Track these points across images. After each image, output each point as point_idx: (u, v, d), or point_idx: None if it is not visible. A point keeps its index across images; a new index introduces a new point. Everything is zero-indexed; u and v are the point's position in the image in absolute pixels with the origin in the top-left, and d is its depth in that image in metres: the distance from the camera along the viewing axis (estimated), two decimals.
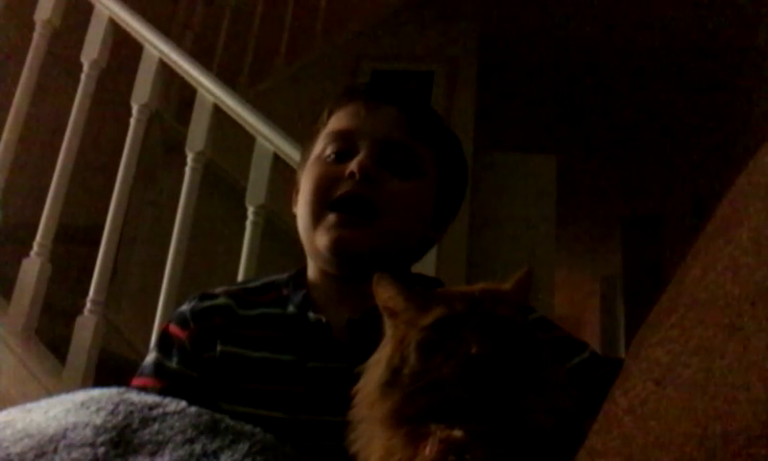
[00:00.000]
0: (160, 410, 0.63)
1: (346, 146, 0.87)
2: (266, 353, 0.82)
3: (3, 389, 1.76)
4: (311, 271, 0.90)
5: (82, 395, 0.65)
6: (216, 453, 0.58)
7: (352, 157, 0.85)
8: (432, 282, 0.92)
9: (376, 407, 0.57)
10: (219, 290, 0.89)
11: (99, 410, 0.62)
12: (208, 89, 1.86)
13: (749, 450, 0.34)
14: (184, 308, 0.87)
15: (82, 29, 2.05)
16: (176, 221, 1.79)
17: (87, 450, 0.57)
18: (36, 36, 2.08)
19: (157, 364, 0.84)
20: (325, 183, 0.85)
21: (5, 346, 1.79)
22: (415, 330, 0.58)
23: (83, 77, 2.00)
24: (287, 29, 3.34)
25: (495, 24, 3.53)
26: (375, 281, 0.63)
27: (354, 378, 0.62)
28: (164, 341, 0.86)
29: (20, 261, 1.87)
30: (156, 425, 0.61)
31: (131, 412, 0.62)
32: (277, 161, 1.76)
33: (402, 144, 0.87)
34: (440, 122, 0.94)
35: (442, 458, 0.51)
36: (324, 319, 0.83)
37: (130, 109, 1.94)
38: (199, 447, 0.59)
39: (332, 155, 0.87)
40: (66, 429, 0.59)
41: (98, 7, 2.03)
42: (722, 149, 3.75)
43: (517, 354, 0.56)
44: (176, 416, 0.62)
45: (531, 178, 3.41)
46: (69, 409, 0.62)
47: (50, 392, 1.66)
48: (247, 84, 3.12)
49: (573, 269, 5.81)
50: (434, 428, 0.53)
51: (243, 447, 0.59)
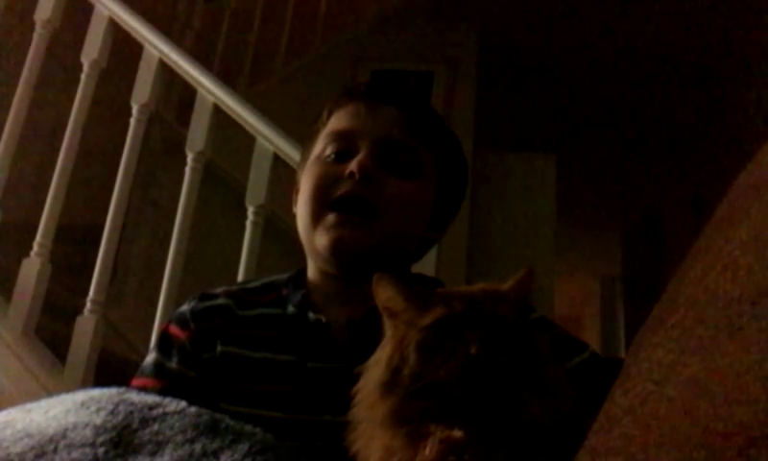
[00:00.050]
0: (160, 410, 0.63)
1: (345, 146, 0.87)
2: (266, 354, 0.82)
3: (3, 389, 1.76)
4: (311, 271, 0.90)
5: (82, 395, 0.65)
6: (216, 453, 0.58)
7: (352, 157, 0.85)
8: (432, 282, 0.92)
9: (376, 407, 0.57)
10: (219, 290, 0.89)
11: (99, 410, 0.62)
12: (208, 89, 1.86)
13: (749, 450, 0.34)
14: (184, 309, 0.87)
15: (82, 29, 2.05)
16: (176, 221, 1.79)
17: (87, 450, 0.57)
18: (36, 37, 2.08)
19: (157, 364, 0.84)
20: (325, 183, 0.85)
21: (5, 346, 1.79)
22: (415, 331, 0.58)
23: (83, 77, 2.00)
24: (287, 29, 3.35)
25: (495, 24, 3.53)
26: (375, 282, 0.63)
27: (354, 379, 0.62)
28: (164, 341, 0.86)
29: (20, 261, 1.87)
30: (156, 425, 0.61)
31: (131, 412, 0.62)
32: (277, 161, 1.76)
33: (402, 144, 0.87)
34: (440, 122, 0.94)
35: (442, 458, 0.51)
36: (324, 319, 0.83)
37: (130, 108, 1.94)
38: (199, 447, 0.59)
39: (332, 155, 0.87)
40: (66, 429, 0.59)
41: (98, 7, 2.03)
42: (722, 149, 3.75)
43: (517, 355, 0.56)
44: (176, 416, 0.62)
45: (531, 178, 3.41)
46: (69, 409, 0.62)
47: (50, 392, 1.66)
48: (247, 85, 3.13)
49: (573, 269, 5.81)
50: (434, 429, 0.53)
51: (243, 447, 0.59)
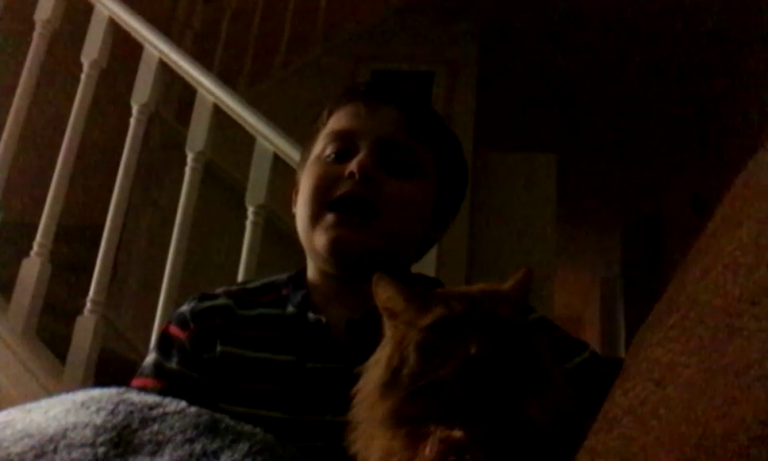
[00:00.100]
0: (160, 410, 0.62)
1: (345, 146, 0.87)
2: (266, 354, 0.82)
3: (3, 389, 1.76)
4: (311, 271, 0.90)
5: (82, 395, 0.65)
6: (216, 453, 0.58)
7: (352, 157, 0.85)
8: (432, 282, 0.92)
9: (376, 408, 0.57)
10: (219, 291, 0.89)
11: (99, 410, 0.62)
12: (208, 89, 1.86)
13: (749, 450, 0.34)
14: (184, 309, 0.87)
15: (82, 29, 2.05)
16: (176, 221, 1.79)
17: (87, 450, 0.57)
18: (36, 36, 2.08)
19: (157, 364, 0.84)
20: (325, 183, 0.85)
21: (5, 346, 1.79)
22: (414, 331, 0.58)
23: (83, 77, 2.00)
24: (287, 29, 3.34)
25: (495, 24, 3.53)
26: (375, 282, 0.63)
27: (354, 379, 0.62)
28: (164, 341, 0.86)
29: (20, 261, 1.87)
30: (156, 425, 0.61)
31: (131, 412, 0.62)
32: (277, 161, 1.76)
33: (402, 144, 0.87)
34: (440, 122, 0.94)
35: (441, 458, 0.51)
36: (324, 319, 0.83)
37: (130, 109, 1.94)
38: (199, 447, 0.59)
39: (332, 155, 0.87)
40: (66, 429, 0.59)
41: (98, 7, 2.03)
42: (722, 149, 3.75)
43: (517, 355, 0.56)
44: (176, 416, 0.62)
45: (531, 177, 3.41)
46: (69, 409, 0.62)
47: (50, 392, 1.66)
48: (247, 84, 3.13)
49: (573, 269, 5.80)
50: (434, 429, 0.53)
51: (243, 447, 0.59)
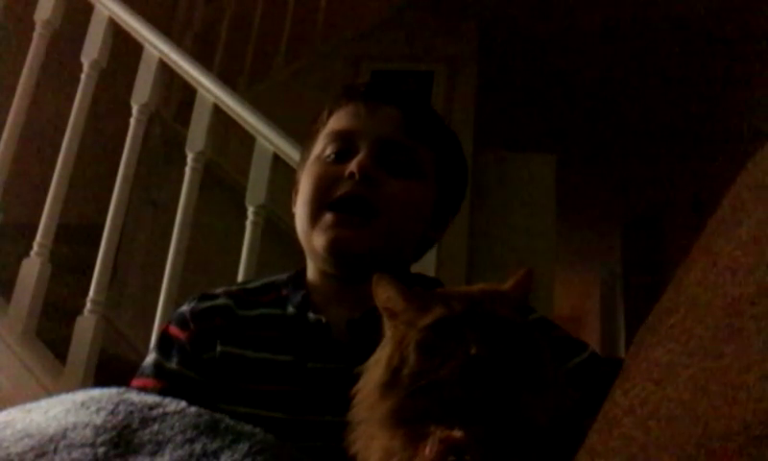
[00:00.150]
0: (160, 410, 0.62)
1: (345, 146, 0.87)
2: (266, 354, 0.82)
3: (3, 389, 1.76)
4: (310, 271, 0.90)
5: (82, 395, 0.65)
6: (216, 453, 0.58)
7: (352, 157, 0.85)
8: (432, 282, 0.92)
9: (376, 408, 0.57)
10: (219, 291, 0.89)
11: (99, 410, 0.62)
12: (208, 89, 1.86)
13: (749, 450, 0.34)
14: (184, 309, 0.87)
15: (82, 29, 2.05)
16: (176, 221, 1.79)
17: (87, 450, 0.57)
18: (36, 36, 2.08)
19: (157, 365, 0.84)
20: (325, 184, 0.85)
21: (5, 346, 1.79)
22: (414, 331, 0.58)
23: (83, 77, 2.00)
24: (287, 29, 3.34)
25: (495, 24, 3.53)
26: (375, 282, 0.63)
27: (354, 379, 0.62)
28: (164, 342, 0.86)
29: (20, 261, 1.87)
30: (156, 425, 0.61)
31: (131, 412, 0.62)
32: (277, 161, 1.76)
33: (402, 144, 0.87)
34: (440, 122, 0.94)
35: (441, 459, 0.51)
36: (324, 319, 0.83)
37: (130, 108, 1.94)
38: (199, 447, 0.59)
39: (332, 155, 0.87)
40: (66, 429, 0.59)
41: (98, 7, 2.03)
42: (722, 149, 3.75)
43: (517, 355, 0.56)
44: (176, 416, 0.62)
45: (531, 177, 3.41)
46: (69, 409, 0.62)
47: (50, 392, 1.66)
48: (247, 84, 3.12)
49: (573, 269, 5.80)
50: (434, 429, 0.53)
51: (243, 447, 0.59)
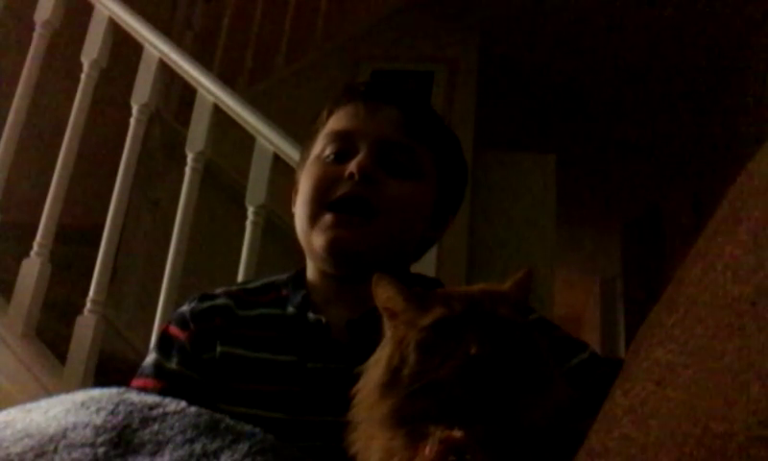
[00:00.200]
0: (160, 410, 0.62)
1: (345, 146, 0.87)
2: (266, 354, 0.82)
3: (3, 389, 1.76)
4: (310, 271, 0.90)
5: (82, 395, 0.65)
6: (216, 453, 0.58)
7: (352, 157, 0.85)
8: (432, 282, 0.92)
9: (376, 408, 0.57)
10: (219, 291, 0.89)
11: (99, 410, 0.62)
12: (208, 89, 1.86)
13: (749, 450, 0.34)
14: (184, 309, 0.87)
15: (82, 29, 2.05)
16: (176, 221, 1.79)
17: (87, 450, 0.57)
18: (36, 36, 2.08)
19: (157, 365, 0.84)
20: (325, 184, 0.85)
21: (5, 346, 1.79)
22: (414, 331, 0.58)
23: (83, 77, 2.00)
24: (287, 29, 3.35)
25: (495, 24, 3.53)
26: (375, 282, 0.63)
27: (354, 379, 0.62)
28: (164, 342, 0.86)
29: (20, 261, 1.87)
30: (156, 425, 0.61)
31: (131, 412, 0.62)
32: (277, 161, 1.76)
33: (402, 144, 0.87)
34: (439, 122, 0.94)
35: (442, 459, 0.51)
36: (324, 319, 0.83)
37: (130, 108, 1.94)
38: (199, 447, 0.59)
39: (331, 155, 0.87)
40: (66, 429, 0.59)
41: (98, 7, 2.03)
42: (722, 149, 3.75)
43: (517, 355, 0.56)
44: (176, 416, 0.62)
45: (531, 177, 3.41)
46: (69, 409, 0.62)
47: (50, 392, 1.66)
48: (247, 84, 3.12)
49: (573, 269, 5.80)
50: (434, 429, 0.53)
51: (243, 447, 0.59)
